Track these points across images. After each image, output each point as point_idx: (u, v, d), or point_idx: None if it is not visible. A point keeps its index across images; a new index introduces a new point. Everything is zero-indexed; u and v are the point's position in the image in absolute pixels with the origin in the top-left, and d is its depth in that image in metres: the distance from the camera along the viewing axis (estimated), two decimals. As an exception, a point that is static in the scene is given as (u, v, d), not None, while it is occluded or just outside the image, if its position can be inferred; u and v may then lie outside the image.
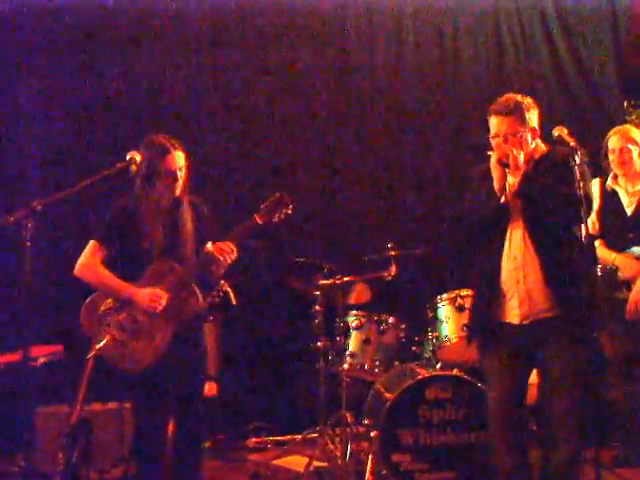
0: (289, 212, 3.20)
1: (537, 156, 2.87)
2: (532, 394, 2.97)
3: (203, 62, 5.03)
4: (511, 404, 2.87)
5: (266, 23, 5.09)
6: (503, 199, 2.76)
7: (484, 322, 2.93)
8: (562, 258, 2.77)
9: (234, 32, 5.07)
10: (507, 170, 2.73)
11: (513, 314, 2.82)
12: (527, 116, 2.81)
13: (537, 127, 2.87)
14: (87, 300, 3.10)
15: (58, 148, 4.78)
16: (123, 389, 3.60)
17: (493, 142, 2.86)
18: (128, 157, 3.03)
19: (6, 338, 4.02)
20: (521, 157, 2.72)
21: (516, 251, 2.81)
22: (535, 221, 2.78)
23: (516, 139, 2.78)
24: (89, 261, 3.09)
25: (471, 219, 2.91)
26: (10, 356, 3.74)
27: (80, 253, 3.13)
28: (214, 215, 3.31)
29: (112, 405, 4.09)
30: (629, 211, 3.89)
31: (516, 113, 2.79)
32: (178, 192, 3.14)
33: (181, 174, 3.11)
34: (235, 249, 3.07)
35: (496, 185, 2.76)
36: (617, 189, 3.95)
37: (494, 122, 2.84)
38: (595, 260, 2.89)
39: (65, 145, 4.80)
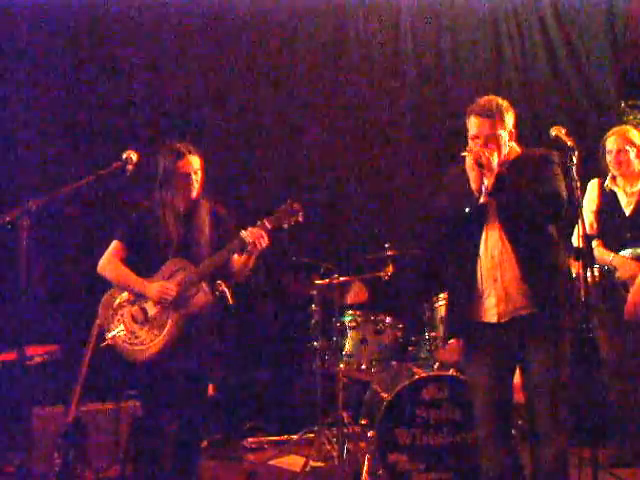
0: (299, 219, 3.28)
1: (512, 157, 2.90)
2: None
3: (205, 61, 5.02)
4: (498, 406, 2.86)
5: (265, 24, 5.08)
6: (482, 199, 2.77)
7: (462, 323, 2.93)
8: (538, 256, 2.79)
9: (234, 34, 5.05)
10: (483, 171, 2.75)
11: (491, 313, 2.83)
12: (505, 118, 2.84)
13: (513, 129, 2.89)
14: (105, 295, 3.28)
15: (55, 147, 4.77)
16: (131, 380, 3.70)
17: (471, 143, 2.87)
18: (124, 156, 3.04)
19: (1, 337, 4.01)
20: (495, 158, 2.75)
21: (493, 250, 2.83)
22: (510, 220, 2.80)
23: (495, 141, 2.81)
24: (111, 259, 3.26)
25: (448, 219, 2.91)
26: (5, 355, 3.73)
27: (77, 252, 3.15)
28: (234, 223, 3.37)
29: (108, 405, 4.08)
30: (627, 211, 3.89)
31: (496, 115, 2.82)
32: (194, 195, 3.25)
33: (196, 177, 3.23)
34: (266, 236, 3.20)
35: (473, 185, 2.78)
36: (615, 189, 3.95)
37: (474, 123, 2.85)
38: (592, 258, 2.90)
39: (63, 144, 4.78)
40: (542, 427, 2.78)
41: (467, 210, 2.78)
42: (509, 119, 2.86)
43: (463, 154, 2.84)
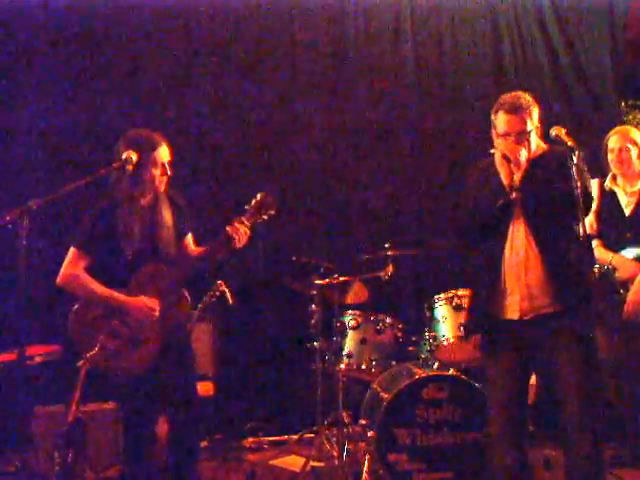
0: (272, 212, 3.17)
1: (537, 154, 2.89)
2: (531, 394, 2.97)
3: (200, 60, 5.02)
4: (514, 405, 2.86)
5: (264, 23, 5.08)
6: (513, 195, 2.76)
7: (484, 319, 2.92)
8: (563, 254, 2.78)
9: (231, 29, 5.05)
10: (511, 166, 2.75)
11: (513, 310, 2.82)
12: (533, 113, 2.85)
13: (539, 124, 2.89)
14: (74, 307, 3.03)
15: (56, 147, 4.77)
16: (113, 393, 3.57)
17: (499, 139, 2.87)
18: (124, 157, 2.99)
19: (2, 337, 4.01)
20: (524, 153, 2.76)
21: (518, 247, 2.83)
22: (536, 217, 2.80)
23: (525, 136, 2.81)
24: (72, 270, 3.00)
25: (477, 215, 2.88)
26: (6, 355, 3.73)
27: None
28: (190, 206, 3.29)
29: (108, 405, 4.07)
30: (627, 211, 3.89)
31: (526, 111, 2.82)
32: (163, 188, 3.10)
33: (169, 168, 3.09)
34: (248, 231, 3.07)
35: (505, 181, 2.78)
36: (615, 189, 3.95)
37: (504, 119, 2.84)
38: (592, 258, 2.90)
39: (64, 144, 4.78)
40: (575, 430, 2.72)
41: (500, 203, 2.76)
42: (536, 114, 2.86)
43: (491, 151, 2.85)
